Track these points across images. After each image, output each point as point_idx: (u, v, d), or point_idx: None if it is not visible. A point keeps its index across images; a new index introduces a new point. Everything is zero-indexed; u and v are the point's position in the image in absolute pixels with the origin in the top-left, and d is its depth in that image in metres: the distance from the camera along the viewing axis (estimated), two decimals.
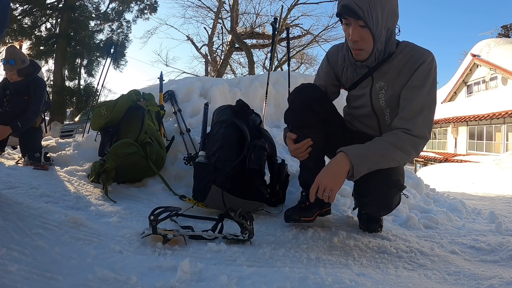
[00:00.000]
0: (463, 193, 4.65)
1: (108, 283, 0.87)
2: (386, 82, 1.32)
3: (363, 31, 1.21)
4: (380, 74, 1.33)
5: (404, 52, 1.29)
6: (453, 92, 16.75)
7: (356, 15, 1.17)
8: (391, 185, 1.30)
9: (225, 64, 13.45)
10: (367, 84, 1.38)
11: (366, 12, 1.16)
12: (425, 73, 1.25)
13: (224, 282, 0.92)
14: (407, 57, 1.28)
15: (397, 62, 1.30)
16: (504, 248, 1.43)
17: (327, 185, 1.15)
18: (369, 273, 1.08)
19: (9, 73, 2.47)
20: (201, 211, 1.63)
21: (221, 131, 1.86)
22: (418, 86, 1.25)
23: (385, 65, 1.31)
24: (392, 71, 1.30)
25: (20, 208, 1.24)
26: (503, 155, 9.25)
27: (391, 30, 1.26)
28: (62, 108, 13.49)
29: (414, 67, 1.26)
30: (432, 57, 1.27)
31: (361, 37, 1.22)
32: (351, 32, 1.21)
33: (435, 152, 16.98)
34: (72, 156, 2.52)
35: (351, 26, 1.21)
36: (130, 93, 2.38)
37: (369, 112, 1.42)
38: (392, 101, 1.34)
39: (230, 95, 3.44)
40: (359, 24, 1.20)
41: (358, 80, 1.40)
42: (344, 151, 1.19)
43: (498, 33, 22.71)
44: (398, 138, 1.21)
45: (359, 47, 1.25)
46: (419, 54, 1.27)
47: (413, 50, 1.29)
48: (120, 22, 15.06)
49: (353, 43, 1.25)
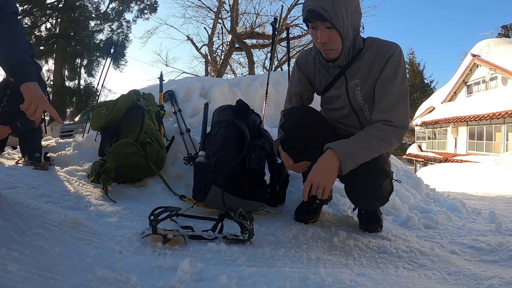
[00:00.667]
0: (463, 193, 4.65)
1: (108, 283, 0.87)
2: (360, 78, 1.36)
3: (330, 32, 1.25)
4: (353, 72, 1.36)
5: (372, 47, 1.34)
6: (453, 92, 16.75)
7: (322, 17, 1.20)
8: (375, 173, 1.31)
9: (225, 64, 13.44)
10: (341, 84, 1.41)
11: (331, 14, 1.20)
12: (396, 65, 1.29)
13: (224, 282, 0.92)
14: (376, 51, 1.33)
15: (367, 57, 1.34)
16: (504, 248, 1.43)
17: (321, 182, 1.17)
18: (369, 273, 1.08)
19: None
20: (201, 211, 1.63)
21: (221, 131, 1.86)
22: (391, 78, 1.29)
23: (356, 62, 1.35)
24: (364, 67, 1.34)
25: (20, 208, 1.24)
26: (503, 155, 9.25)
27: (357, 28, 1.31)
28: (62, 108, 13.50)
29: (384, 60, 1.30)
30: (400, 49, 1.32)
31: (329, 38, 1.26)
32: (319, 35, 1.25)
33: (435, 152, 16.98)
34: (72, 156, 2.52)
35: (319, 29, 1.25)
36: (130, 93, 2.37)
37: (349, 112, 1.44)
38: (369, 96, 1.38)
39: (230, 95, 3.43)
40: (326, 26, 1.24)
41: (331, 81, 1.42)
42: (331, 147, 1.20)
43: (498, 33, 22.74)
44: (381, 130, 1.25)
45: (329, 48, 1.29)
46: (387, 47, 1.32)
47: (381, 44, 1.34)
48: (120, 22, 15.09)
49: (323, 45, 1.29)
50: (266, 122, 2.89)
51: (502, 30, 25.54)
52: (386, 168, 1.35)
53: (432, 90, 27.63)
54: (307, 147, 1.40)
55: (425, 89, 29.08)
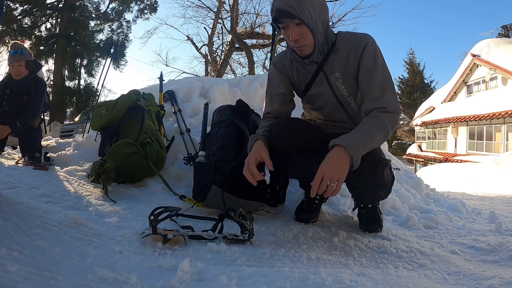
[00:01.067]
0: (463, 193, 4.65)
1: (108, 283, 0.87)
2: (339, 71, 1.38)
3: (300, 28, 1.28)
4: (330, 66, 1.38)
5: (345, 40, 1.37)
6: (453, 92, 16.75)
7: (291, 15, 1.24)
8: (375, 163, 1.33)
9: (225, 64, 13.44)
10: (321, 80, 1.42)
11: (298, 10, 1.23)
12: (373, 54, 1.32)
13: (224, 282, 0.92)
14: (350, 43, 1.36)
15: (342, 50, 1.37)
16: (504, 248, 1.42)
17: (334, 174, 1.13)
18: (369, 273, 1.08)
19: (16, 64, 2.43)
20: (201, 211, 1.63)
21: (221, 131, 1.86)
22: (372, 68, 1.32)
23: (332, 55, 1.37)
24: (340, 59, 1.37)
25: (20, 208, 1.24)
26: (503, 155, 9.25)
27: (326, 21, 1.35)
28: (62, 108, 13.51)
29: (359, 51, 1.33)
30: (372, 39, 1.36)
31: (300, 34, 1.29)
32: (290, 32, 1.28)
33: (435, 152, 16.98)
34: (72, 156, 2.52)
35: (289, 28, 1.28)
36: (130, 93, 2.37)
37: (335, 106, 1.45)
38: (352, 87, 1.40)
39: (230, 95, 3.43)
40: (295, 23, 1.27)
41: (311, 78, 1.43)
42: (339, 144, 1.18)
43: (498, 33, 22.72)
44: (379, 119, 1.26)
45: (301, 44, 1.32)
46: (360, 38, 1.36)
47: (353, 36, 1.37)
48: (120, 22, 15.08)
49: (295, 42, 1.31)
50: None
51: (502, 30, 25.54)
52: (384, 157, 1.38)
53: (432, 90, 27.62)
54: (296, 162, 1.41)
55: (425, 89, 29.06)
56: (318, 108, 1.51)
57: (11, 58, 2.46)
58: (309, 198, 1.69)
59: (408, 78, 29.88)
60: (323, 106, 1.48)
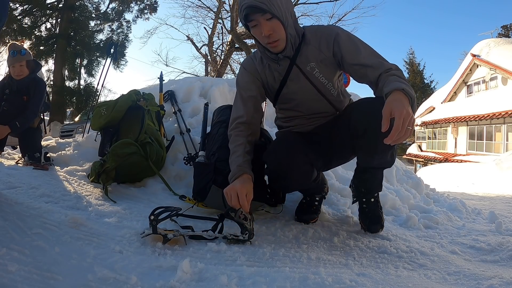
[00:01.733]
0: (463, 193, 4.65)
1: (108, 283, 0.87)
2: (314, 61, 1.39)
3: (271, 23, 1.28)
4: (304, 58, 1.39)
5: (313, 31, 1.40)
6: (453, 92, 16.76)
7: (261, 10, 1.24)
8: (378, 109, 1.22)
9: (225, 64, 13.43)
10: (296, 75, 1.41)
11: (268, 4, 1.24)
12: (347, 37, 1.35)
13: (224, 282, 0.92)
14: (318, 35, 1.38)
15: (313, 41, 1.38)
16: (504, 248, 1.42)
17: (408, 111, 1.04)
18: (369, 273, 1.08)
19: (18, 64, 2.44)
20: (201, 211, 1.63)
21: (221, 131, 1.86)
22: (355, 49, 1.32)
23: (303, 47, 1.38)
24: (312, 49, 1.38)
25: (20, 208, 1.24)
26: (503, 155, 9.25)
27: (293, 14, 1.36)
28: (62, 108, 13.51)
29: (330, 41, 1.35)
30: (340, 27, 1.42)
31: (272, 29, 1.28)
32: (262, 28, 1.28)
33: (435, 152, 16.99)
34: (72, 156, 2.52)
35: (260, 24, 1.28)
36: (130, 93, 2.37)
37: (315, 96, 1.44)
38: (329, 73, 1.41)
39: (230, 95, 3.43)
40: (266, 18, 1.27)
41: (285, 74, 1.42)
42: (397, 88, 1.11)
43: (498, 33, 22.74)
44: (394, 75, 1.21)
45: (274, 38, 1.31)
46: (328, 30, 1.39)
47: (320, 28, 1.41)
48: (120, 22, 15.09)
49: (268, 38, 1.30)
50: (266, 122, 2.89)
51: (502, 30, 25.57)
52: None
53: (432, 90, 27.65)
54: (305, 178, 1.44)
55: (425, 89, 29.08)
56: (296, 105, 1.49)
57: (12, 59, 2.45)
58: (309, 199, 1.69)
59: (408, 78, 29.85)
60: (302, 101, 1.46)
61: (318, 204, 1.69)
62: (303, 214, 1.63)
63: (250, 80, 1.49)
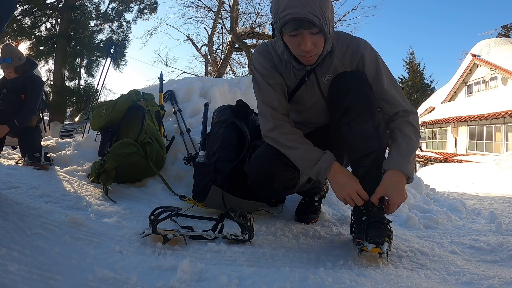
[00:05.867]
0: (463, 193, 4.65)
1: (108, 283, 0.87)
2: (332, 73, 1.30)
3: (315, 37, 1.13)
4: (324, 68, 1.28)
5: (341, 40, 1.29)
6: (453, 92, 16.75)
7: (313, 24, 1.08)
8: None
9: (225, 64, 13.44)
10: (311, 82, 1.31)
11: (322, 19, 1.08)
12: (374, 61, 1.28)
13: (224, 282, 0.92)
14: (345, 46, 1.28)
15: (337, 51, 1.27)
16: (504, 248, 1.42)
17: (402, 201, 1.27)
18: (369, 273, 1.08)
19: (6, 71, 2.49)
20: (201, 211, 1.63)
21: (221, 131, 1.86)
22: (377, 76, 1.28)
23: (327, 56, 1.24)
24: (335, 61, 1.28)
25: (20, 208, 1.24)
26: (503, 155, 9.25)
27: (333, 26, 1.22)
28: (62, 108, 13.50)
29: (356, 58, 1.27)
30: (370, 46, 1.30)
31: (314, 44, 1.14)
32: (305, 42, 1.12)
33: (435, 152, 16.98)
34: (72, 156, 2.52)
35: (303, 36, 1.11)
36: (130, 93, 2.37)
37: (322, 109, 1.37)
38: None
39: (230, 95, 3.43)
40: (312, 32, 1.11)
41: (301, 80, 1.31)
42: (397, 169, 1.22)
43: (498, 33, 22.72)
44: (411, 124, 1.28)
45: (312, 53, 1.17)
46: (357, 45, 1.28)
47: (348, 39, 1.30)
48: (120, 22, 15.09)
49: (307, 52, 1.16)
50: None
51: (502, 30, 25.53)
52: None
53: (432, 90, 27.63)
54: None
55: (425, 89, 29.07)
56: (298, 111, 1.43)
57: (0, 64, 2.50)
58: (308, 199, 1.69)
59: (408, 78, 29.89)
60: (306, 109, 1.40)
61: (317, 204, 1.69)
62: (303, 214, 1.63)
63: (270, 67, 1.33)
